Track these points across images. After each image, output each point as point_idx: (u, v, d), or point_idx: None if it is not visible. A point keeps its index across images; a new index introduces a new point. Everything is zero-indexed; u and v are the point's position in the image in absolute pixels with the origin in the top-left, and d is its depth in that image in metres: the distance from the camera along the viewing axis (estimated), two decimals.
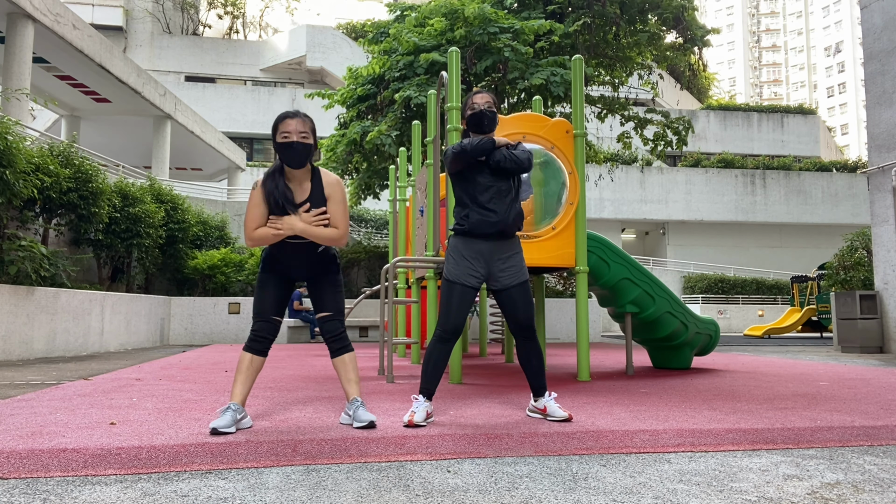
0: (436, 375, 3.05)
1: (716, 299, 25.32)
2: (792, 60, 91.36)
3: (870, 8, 10.38)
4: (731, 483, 2.21)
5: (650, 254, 31.34)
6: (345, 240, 2.93)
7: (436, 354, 3.05)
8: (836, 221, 29.28)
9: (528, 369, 3.14)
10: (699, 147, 31.86)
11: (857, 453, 2.69)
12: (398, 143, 11.38)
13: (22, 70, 12.91)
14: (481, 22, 10.88)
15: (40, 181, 7.70)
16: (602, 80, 14.39)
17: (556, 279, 15.02)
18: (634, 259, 5.72)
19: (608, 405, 3.58)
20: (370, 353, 8.64)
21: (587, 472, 2.35)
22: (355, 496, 2.02)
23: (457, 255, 3.08)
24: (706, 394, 4.16)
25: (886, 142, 9.85)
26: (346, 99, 12.74)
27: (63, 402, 3.58)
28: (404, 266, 7.12)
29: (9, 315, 7.00)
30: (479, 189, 3.07)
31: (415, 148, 7.40)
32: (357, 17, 53.67)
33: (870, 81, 10.28)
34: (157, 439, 2.50)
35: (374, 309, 12.55)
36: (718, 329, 6.37)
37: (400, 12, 13.28)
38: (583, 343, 5.01)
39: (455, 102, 4.86)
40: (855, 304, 9.72)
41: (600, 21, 12.66)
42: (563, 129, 5.00)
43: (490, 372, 5.73)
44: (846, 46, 77.31)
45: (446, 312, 3.03)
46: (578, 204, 4.94)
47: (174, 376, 5.24)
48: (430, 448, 2.63)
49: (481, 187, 3.07)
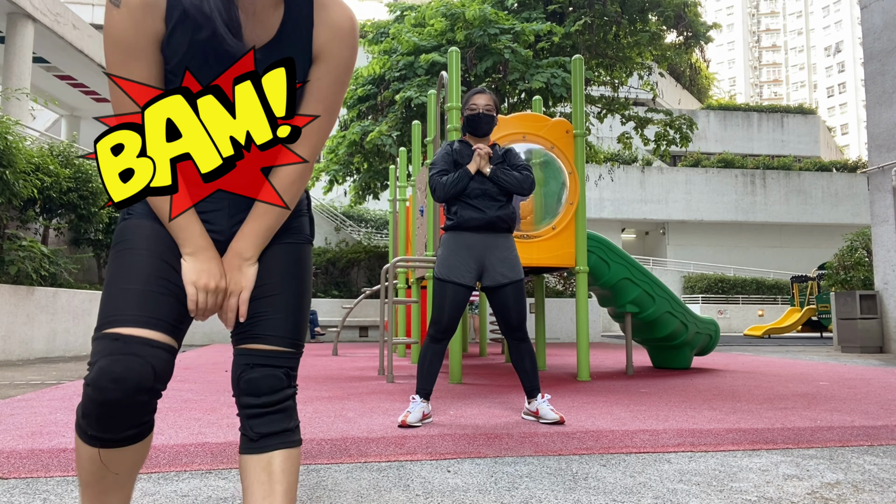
0: (431, 376, 3.05)
1: (716, 299, 25.32)
2: (792, 60, 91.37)
3: (870, 8, 10.37)
4: (731, 483, 2.20)
5: (650, 254, 31.33)
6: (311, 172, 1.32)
7: (430, 354, 3.05)
8: (836, 221, 29.27)
9: (520, 371, 3.13)
10: (699, 147, 31.85)
11: (857, 453, 2.69)
12: (398, 143, 11.38)
13: (22, 70, 12.91)
14: (482, 23, 10.88)
15: (40, 181, 7.70)
16: (602, 81, 14.39)
17: (556, 279, 15.02)
18: (634, 259, 5.72)
19: (608, 405, 3.58)
20: (370, 353, 8.64)
21: (587, 472, 2.35)
22: (355, 496, 2.02)
23: (448, 251, 3.08)
24: (706, 394, 4.16)
25: (886, 142, 9.84)
26: (347, 99, 12.75)
27: (63, 402, 3.58)
28: (404, 266, 7.12)
29: (9, 315, 7.00)
30: (470, 191, 3.09)
31: (415, 148, 7.41)
32: (357, 17, 53.61)
33: (870, 81, 10.27)
34: (157, 439, 2.50)
35: (374, 309, 12.54)
36: (718, 329, 6.37)
37: (400, 12, 13.28)
38: (583, 343, 5.01)
39: (455, 102, 4.86)
40: (855, 304, 9.72)
41: (601, 21, 12.66)
42: (563, 129, 5.00)
43: (490, 372, 5.73)
44: (846, 46, 77.30)
45: (439, 313, 3.02)
46: (578, 204, 4.94)
47: (174, 376, 5.24)
48: (430, 448, 2.63)
49: (474, 192, 3.09)
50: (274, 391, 1.21)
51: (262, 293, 1.23)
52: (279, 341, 1.22)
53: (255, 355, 1.21)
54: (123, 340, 1.06)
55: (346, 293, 14.00)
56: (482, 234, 3.08)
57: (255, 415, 1.21)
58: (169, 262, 1.17)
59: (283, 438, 1.22)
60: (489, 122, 3.13)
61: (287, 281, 1.25)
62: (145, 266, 1.14)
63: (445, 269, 3.04)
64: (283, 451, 1.22)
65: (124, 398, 1.04)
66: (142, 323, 1.08)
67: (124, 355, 1.05)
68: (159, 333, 1.10)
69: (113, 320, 1.08)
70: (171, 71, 1.15)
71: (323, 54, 1.21)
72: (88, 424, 1.07)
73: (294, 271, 1.27)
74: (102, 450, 1.10)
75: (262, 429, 1.21)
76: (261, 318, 1.22)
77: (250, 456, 1.22)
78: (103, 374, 1.03)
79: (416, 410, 2.91)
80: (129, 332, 1.07)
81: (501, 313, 3.07)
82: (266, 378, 1.20)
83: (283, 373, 1.23)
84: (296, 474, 1.25)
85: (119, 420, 1.06)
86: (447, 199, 3.08)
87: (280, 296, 1.24)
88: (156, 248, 1.17)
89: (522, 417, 3.16)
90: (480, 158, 3.06)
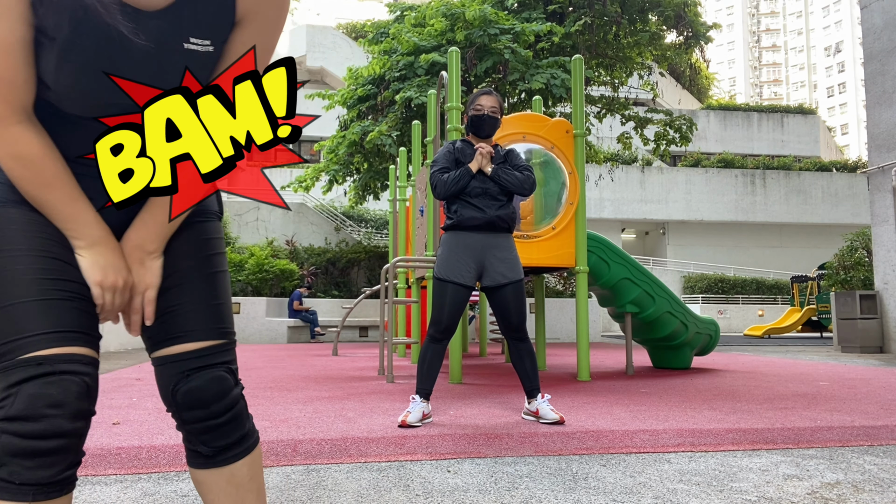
0: (431, 376, 3.05)
1: (716, 299, 25.31)
2: (792, 60, 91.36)
3: (870, 8, 10.37)
4: (731, 483, 2.20)
5: (650, 254, 31.33)
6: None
7: (430, 354, 3.05)
8: (836, 221, 29.26)
9: (520, 371, 3.14)
10: (699, 147, 31.83)
11: (857, 453, 2.69)
12: (398, 143, 11.38)
13: None
14: (482, 23, 10.89)
15: None
16: (602, 81, 14.40)
17: (556, 279, 15.02)
18: (634, 259, 5.72)
19: (608, 405, 3.58)
20: (370, 353, 8.64)
21: (587, 472, 2.35)
22: (355, 496, 2.02)
23: (448, 251, 3.08)
24: (706, 394, 4.16)
25: (886, 142, 9.84)
26: (347, 99, 12.75)
27: None
28: (404, 266, 7.12)
29: None
30: (471, 190, 3.09)
31: (415, 148, 7.41)
32: (357, 17, 53.66)
33: (870, 81, 10.27)
34: (157, 439, 2.50)
35: (374, 309, 12.55)
36: (718, 329, 6.37)
37: (400, 12, 13.28)
38: (583, 343, 5.01)
39: (455, 102, 4.86)
40: (855, 304, 9.72)
41: (601, 21, 12.66)
42: (563, 129, 5.00)
43: (490, 372, 5.73)
44: (846, 46, 77.29)
45: (438, 313, 3.02)
46: (578, 204, 4.94)
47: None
48: (430, 448, 2.63)
49: (475, 191, 3.09)
50: (221, 396, 1.03)
51: (170, 283, 1.03)
52: (205, 334, 1.03)
53: (185, 359, 1.02)
54: (48, 362, 0.88)
55: (346, 293, 14.00)
56: (482, 233, 3.08)
57: (207, 429, 1.03)
58: (59, 257, 0.96)
59: (243, 446, 1.08)
60: (493, 124, 3.15)
61: (199, 265, 1.06)
62: (32, 270, 0.93)
63: (445, 268, 3.05)
64: (246, 458, 1.08)
65: (63, 426, 0.87)
66: (56, 340, 0.90)
67: (57, 376, 0.88)
68: (79, 347, 0.92)
69: (21, 345, 0.89)
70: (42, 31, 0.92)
71: (249, 16, 1.02)
72: (17, 469, 0.85)
73: (204, 252, 1.08)
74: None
75: (217, 442, 1.05)
76: (175, 313, 1.03)
77: (209, 470, 1.06)
78: (38, 401, 0.86)
79: (416, 410, 2.91)
80: (46, 353, 0.88)
81: (501, 313, 3.08)
82: (209, 383, 1.01)
83: (224, 370, 1.04)
84: (262, 473, 1.13)
85: (58, 455, 0.88)
86: (448, 196, 3.08)
87: (193, 283, 1.05)
88: (38, 245, 0.95)
89: (522, 417, 3.16)
90: (482, 157, 3.06)
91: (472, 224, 3.06)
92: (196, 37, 1.00)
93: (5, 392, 0.87)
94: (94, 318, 0.98)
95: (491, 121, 3.14)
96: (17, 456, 0.85)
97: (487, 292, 3.11)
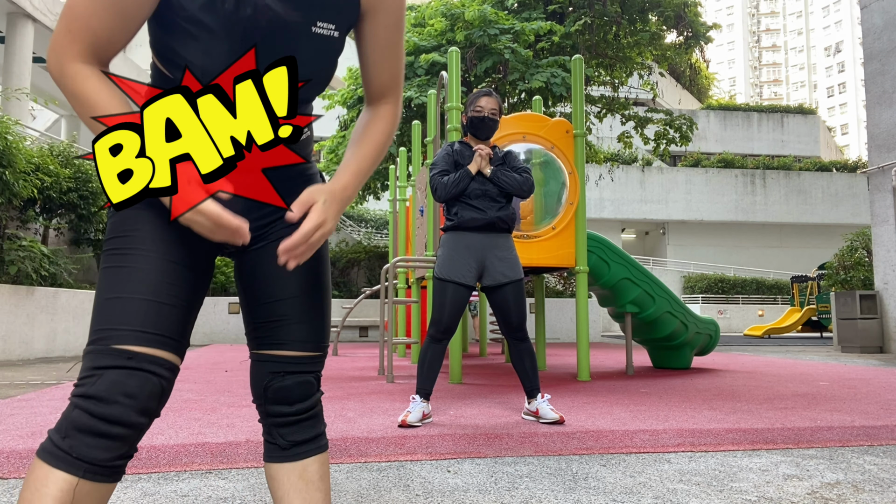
0: (431, 376, 3.05)
1: (716, 299, 25.32)
2: (792, 60, 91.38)
3: (870, 8, 10.37)
4: (731, 483, 2.20)
5: (650, 254, 31.34)
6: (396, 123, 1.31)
7: (430, 354, 3.06)
8: (836, 221, 29.28)
9: (520, 371, 3.14)
10: (699, 147, 31.86)
11: (857, 453, 2.69)
12: (398, 143, 11.38)
13: (22, 70, 12.92)
14: (481, 23, 10.89)
15: (40, 181, 7.70)
16: (602, 81, 14.40)
17: (556, 279, 15.02)
18: (634, 259, 5.72)
19: (608, 405, 3.58)
20: (370, 353, 8.64)
21: (587, 472, 2.35)
22: (355, 496, 2.02)
23: (448, 251, 3.09)
24: (706, 394, 4.16)
25: (886, 142, 9.84)
26: (347, 99, 12.75)
27: (63, 403, 3.58)
28: (404, 266, 7.12)
29: (9, 315, 6.99)
30: (470, 191, 3.10)
31: (415, 148, 7.41)
32: None
33: (870, 81, 10.28)
34: (156, 439, 2.50)
35: (374, 309, 12.55)
36: (718, 329, 6.38)
37: None
38: (583, 343, 5.01)
39: (455, 102, 4.86)
40: (855, 304, 9.72)
41: (601, 21, 12.66)
42: (563, 129, 5.00)
43: (490, 372, 5.73)
44: (846, 46, 77.31)
45: (439, 313, 3.03)
46: (578, 204, 4.94)
47: None
48: (430, 448, 2.63)
49: (475, 193, 3.10)
50: (306, 398, 1.16)
51: (283, 294, 1.13)
52: (307, 346, 1.15)
53: (282, 362, 1.14)
54: (136, 358, 0.96)
55: (346, 293, 14.00)
56: (482, 234, 3.09)
57: (288, 423, 1.16)
58: (177, 261, 1.04)
59: (316, 444, 1.19)
60: (492, 125, 3.17)
61: (314, 280, 1.17)
62: (152, 270, 1.01)
63: (446, 268, 3.05)
64: (317, 456, 1.18)
65: (131, 416, 0.95)
66: (149, 341, 0.98)
67: (140, 371, 0.96)
68: (168, 353, 1.00)
69: (118, 335, 0.96)
70: (185, 19, 0.99)
71: (373, 8, 1.11)
72: (78, 444, 0.92)
73: (315, 267, 1.17)
74: (82, 481, 0.92)
75: (294, 437, 1.17)
76: (284, 323, 1.14)
77: (283, 464, 1.17)
78: (115, 387, 0.94)
79: (416, 410, 2.91)
80: (139, 350, 0.97)
81: (502, 313, 3.08)
82: (298, 386, 1.15)
83: (314, 377, 1.18)
84: (329, 478, 1.22)
85: (117, 441, 0.94)
86: (448, 199, 3.09)
87: (305, 298, 1.15)
88: (162, 248, 1.03)
89: (522, 417, 3.16)
90: (481, 159, 3.07)
91: (473, 225, 3.07)
92: (323, 20, 1.05)
93: (90, 371, 0.95)
94: (187, 327, 1.05)
95: (491, 122, 3.15)
96: (82, 432, 0.92)
97: (488, 292, 3.12)
